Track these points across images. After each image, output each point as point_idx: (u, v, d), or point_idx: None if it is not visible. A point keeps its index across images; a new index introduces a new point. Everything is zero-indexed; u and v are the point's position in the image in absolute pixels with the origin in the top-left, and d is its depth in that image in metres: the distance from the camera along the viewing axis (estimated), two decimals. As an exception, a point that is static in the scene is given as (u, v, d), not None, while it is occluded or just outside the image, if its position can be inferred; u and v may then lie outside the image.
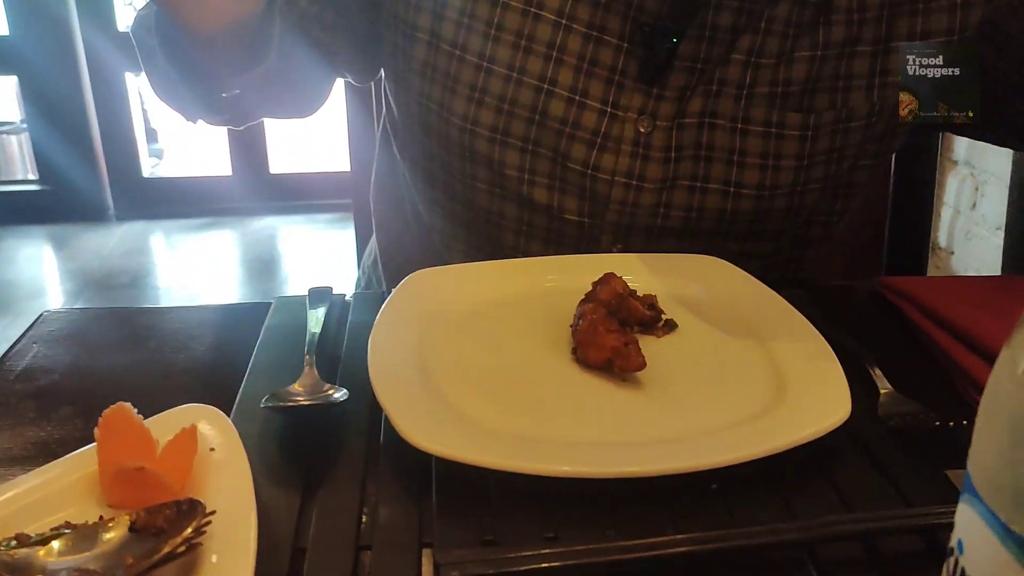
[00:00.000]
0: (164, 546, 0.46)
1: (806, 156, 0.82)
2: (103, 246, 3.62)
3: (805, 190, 0.84)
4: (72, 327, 0.80)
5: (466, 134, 0.85)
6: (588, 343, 0.65)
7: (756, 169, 0.82)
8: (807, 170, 0.83)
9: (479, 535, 0.52)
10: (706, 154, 0.83)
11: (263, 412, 0.62)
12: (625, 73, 0.81)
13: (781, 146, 0.82)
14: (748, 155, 0.82)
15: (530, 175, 0.85)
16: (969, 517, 0.35)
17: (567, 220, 0.87)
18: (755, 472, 0.55)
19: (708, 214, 0.84)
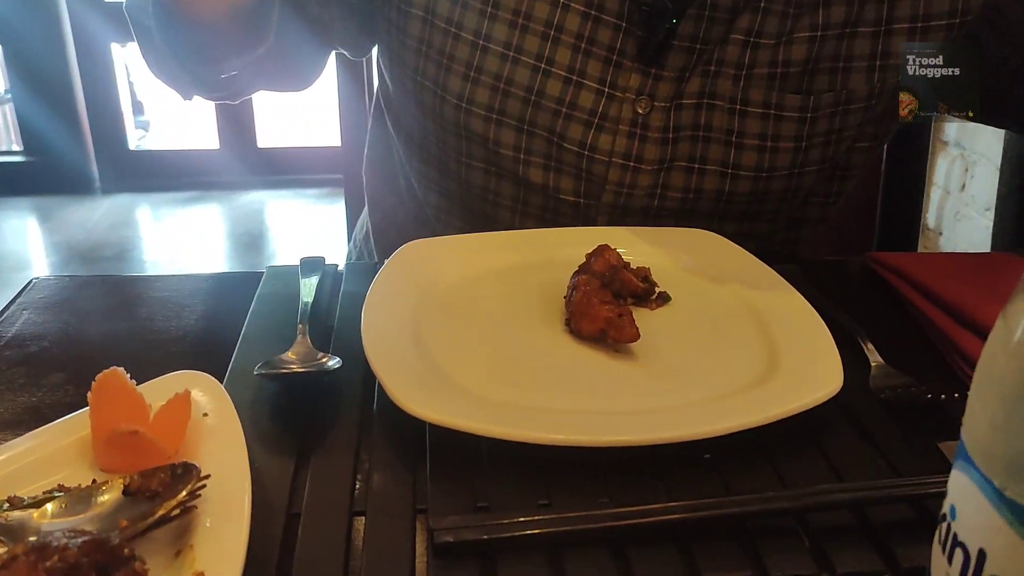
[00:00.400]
0: (158, 509, 0.46)
1: (804, 138, 0.82)
2: (89, 219, 3.59)
3: (803, 172, 0.84)
4: (62, 294, 0.79)
5: (461, 112, 0.84)
6: (582, 314, 0.65)
7: (754, 151, 0.82)
8: (805, 152, 0.83)
9: (472, 502, 0.52)
10: (704, 135, 0.82)
11: (256, 380, 0.62)
12: (623, 53, 0.80)
13: (779, 127, 0.81)
14: (746, 136, 0.82)
15: (526, 155, 0.85)
16: (962, 483, 0.36)
17: (563, 200, 0.86)
18: (747, 442, 0.55)
19: (705, 195, 0.84)
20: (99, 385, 0.52)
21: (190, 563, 0.43)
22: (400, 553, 0.48)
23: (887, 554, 0.48)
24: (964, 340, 0.67)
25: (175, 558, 0.45)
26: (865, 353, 0.66)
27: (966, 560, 0.35)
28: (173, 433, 0.52)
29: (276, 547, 0.48)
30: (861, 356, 0.66)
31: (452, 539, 0.48)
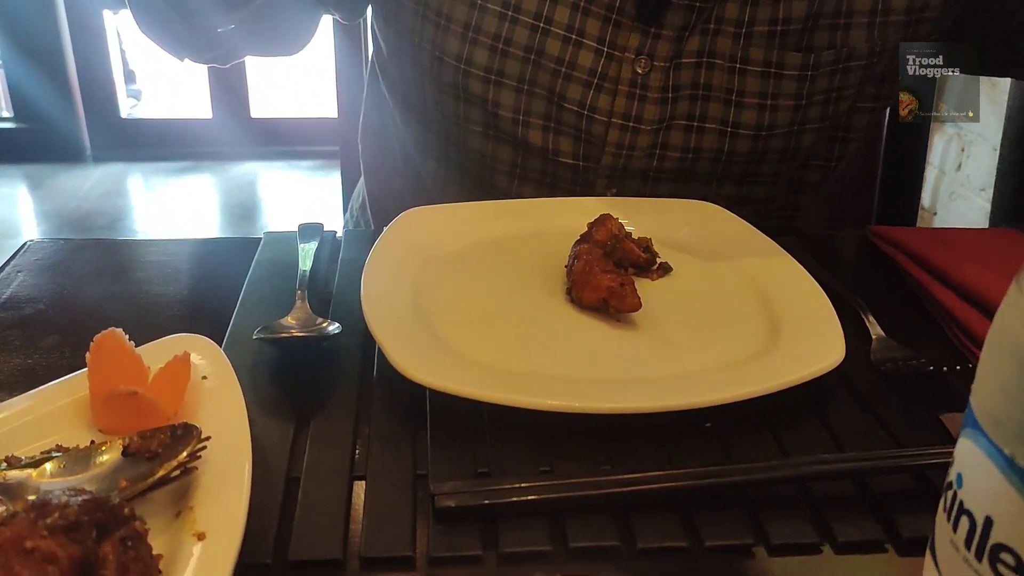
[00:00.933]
0: (158, 470, 0.45)
1: (804, 96, 0.81)
2: (80, 187, 3.55)
3: (802, 130, 0.83)
4: (56, 257, 0.78)
5: (459, 74, 0.83)
6: (583, 283, 0.65)
7: (753, 109, 0.81)
8: (805, 110, 0.82)
9: (473, 467, 0.52)
10: (703, 94, 0.82)
11: (254, 344, 0.61)
12: (622, 12, 0.79)
13: (779, 86, 0.81)
14: (746, 95, 0.81)
15: (525, 116, 0.84)
16: (970, 451, 0.36)
17: (562, 163, 0.86)
18: (749, 412, 0.55)
19: (704, 155, 0.84)
20: (97, 346, 0.52)
21: (190, 524, 0.43)
22: (401, 518, 0.48)
23: (888, 524, 0.48)
24: (965, 313, 0.67)
25: (175, 519, 0.44)
26: (866, 325, 0.66)
27: (972, 527, 0.35)
28: (172, 395, 0.52)
29: (276, 510, 0.48)
30: (862, 328, 0.66)
31: (453, 504, 0.47)
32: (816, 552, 0.46)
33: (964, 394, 0.58)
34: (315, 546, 0.46)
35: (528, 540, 0.46)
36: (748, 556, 0.46)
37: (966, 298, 0.69)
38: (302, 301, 0.65)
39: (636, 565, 0.45)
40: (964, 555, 0.35)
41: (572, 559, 0.46)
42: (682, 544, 0.46)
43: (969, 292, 0.68)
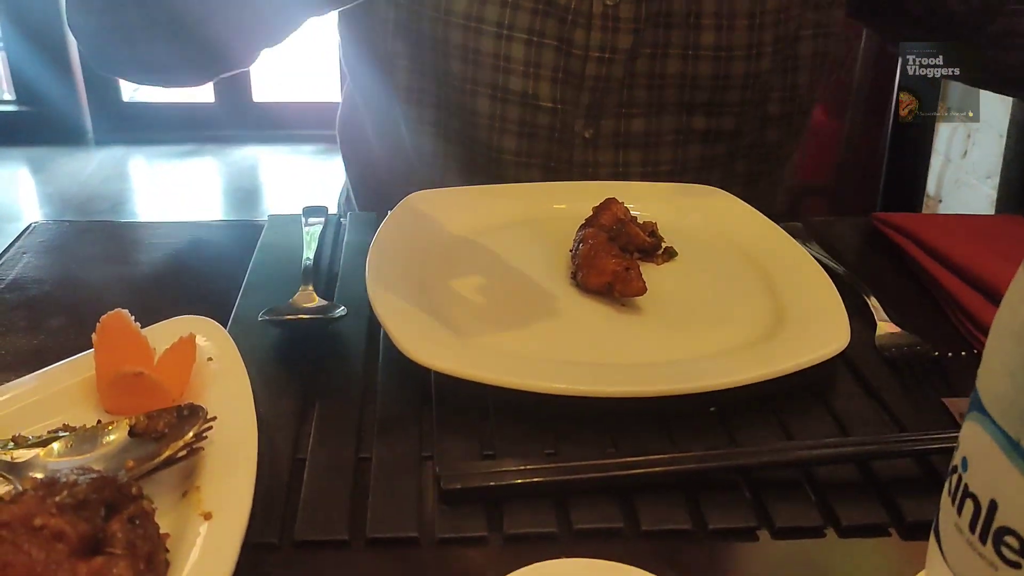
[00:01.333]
0: (165, 450, 0.46)
1: (757, 15, 0.84)
2: (82, 170, 3.55)
3: (760, 53, 0.86)
4: (62, 239, 0.78)
5: (439, 23, 0.84)
6: (588, 267, 0.65)
7: (712, 30, 0.84)
8: (759, 31, 0.85)
9: (479, 450, 0.52)
10: (665, 21, 0.84)
11: (260, 326, 0.61)
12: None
13: (733, 6, 0.84)
14: (703, 16, 0.84)
15: (504, 62, 0.84)
16: (976, 435, 0.36)
17: (541, 107, 0.86)
18: (753, 397, 0.55)
19: (670, 81, 0.86)
20: (104, 327, 0.52)
21: (197, 504, 0.43)
22: (406, 499, 0.48)
23: (892, 508, 0.48)
24: (970, 299, 0.67)
25: (182, 499, 0.45)
26: (871, 311, 0.66)
27: (976, 511, 0.35)
28: (178, 376, 0.52)
29: (282, 491, 0.48)
30: (867, 314, 0.66)
31: (459, 486, 0.48)
32: (820, 535, 0.46)
33: (968, 379, 0.58)
34: (321, 526, 0.46)
35: (533, 522, 0.47)
36: (752, 539, 0.46)
37: (971, 284, 0.69)
38: (307, 283, 0.65)
39: (640, 547, 0.46)
40: (968, 538, 0.36)
41: (577, 541, 0.46)
42: (686, 527, 0.47)
43: (974, 278, 0.68)
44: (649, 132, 0.88)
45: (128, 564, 0.37)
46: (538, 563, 0.41)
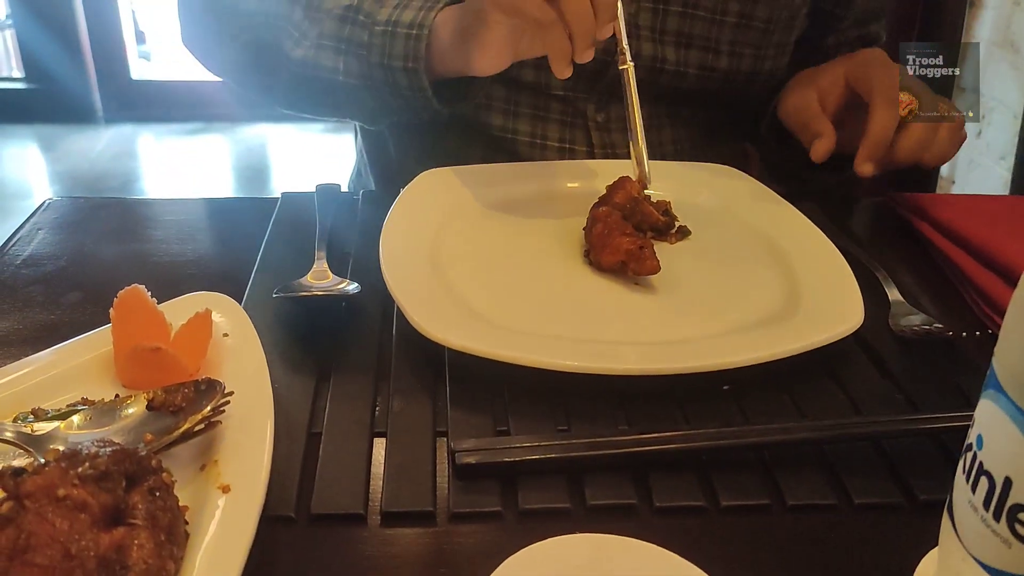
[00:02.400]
0: (183, 424, 0.46)
1: (746, 16, 0.86)
2: (91, 148, 3.55)
3: (765, 56, 0.88)
4: (76, 215, 0.79)
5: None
6: (602, 246, 0.65)
7: (726, 56, 0.87)
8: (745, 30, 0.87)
9: (492, 426, 0.52)
10: (686, 41, 0.86)
11: (274, 303, 0.61)
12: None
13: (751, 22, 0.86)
14: (722, 43, 0.86)
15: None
16: (991, 413, 0.36)
17: (553, 95, 0.87)
18: (766, 375, 0.55)
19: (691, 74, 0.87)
20: (121, 302, 0.52)
21: (215, 477, 0.44)
22: (421, 474, 0.48)
23: (904, 486, 0.48)
24: (984, 279, 0.67)
25: (200, 472, 0.45)
26: (884, 290, 0.66)
27: (991, 488, 0.35)
28: (195, 351, 0.52)
29: (298, 465, 0.49)
30: (880, 293, 0.66)
31: (474, 461, 0.48)
32: (832, 513, 0.47)
33: (981, 359, 0.59)
34: (337, 500, 0.46)
35: (547, 497, 0.47)
36: (765, 515, 0.47)
37: (985, 264, 0.68)
38: (321, 260, 0.65)
39: (653, 523, 0.46)
40: (982, 515, 0.36)
41: (590, 516, 0.46)
42: (699, 503, 0.47)
43: (988, 258, 0.68)
44: (651, 116, 0.89)
45: (149, 535, 0.37)
46: (552, 538, 0.41)
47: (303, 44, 0.78)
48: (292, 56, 0.79)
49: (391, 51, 0.74)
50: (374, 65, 0.75)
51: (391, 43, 0.74)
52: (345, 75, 0.77)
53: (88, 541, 0.36)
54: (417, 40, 0.73)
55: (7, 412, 0.48)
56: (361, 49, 0.76)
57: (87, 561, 0.35)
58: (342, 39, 0.77)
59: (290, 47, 0.79)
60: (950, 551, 0.38)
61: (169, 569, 0.37)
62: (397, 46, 0.73)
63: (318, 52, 0.78)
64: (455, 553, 0.44)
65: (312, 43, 0.78)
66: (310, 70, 0.79)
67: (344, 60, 0.77)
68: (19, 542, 0.35)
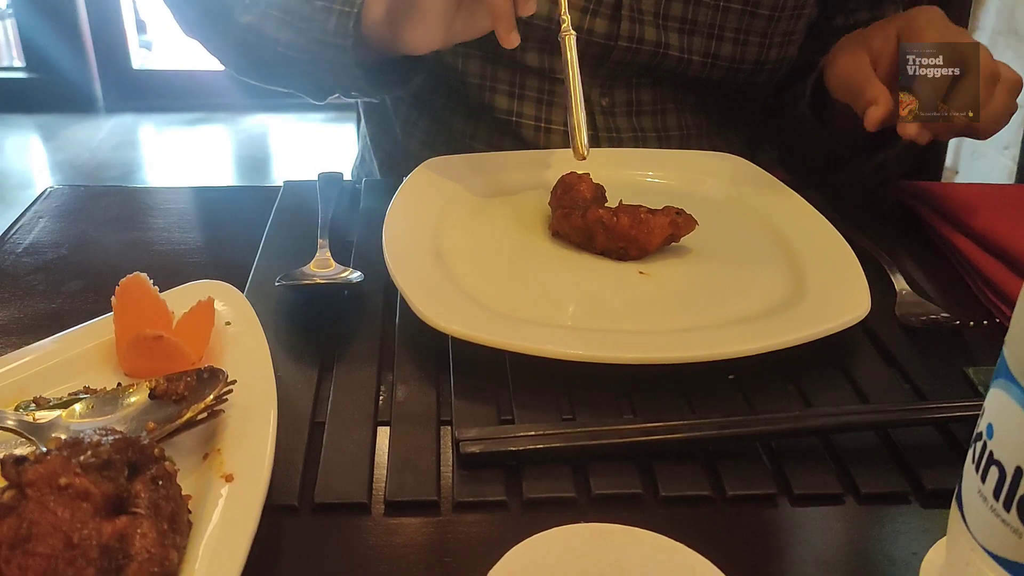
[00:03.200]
0: (185, 412, 0.46)
1: (751, 3, 0.86)
2: (92, 138, 3.55)
3: (771, 43, 0.88)
4: (77, 204, 0.78)
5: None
6: (644, 236, 0.65)
7: (709, 8, 0.85)
8: (751, 18, 0.86)
9: (496, 415, 0.52)
10: (690, 27, 0.85)
11: (276, 291, 0.61)
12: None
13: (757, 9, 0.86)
14: (726, 29, 0.86)
15: (524, 41, 0.83)
16: (1002, 401, 0.35)
17: (557, 80, 0.87)
18: (772, 365, 0.55)
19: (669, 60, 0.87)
20: (123, 290, 0.52)
21: (218, 466, 0.44)
22: (425, 463, 0.48)
23: (912, 476, 0.48)
24: (991, 268, 0.66)
25: (203, 461, 0.45)
26: (891, 279, 0.66)
27: (1001, 478, 0.35)
28: (197, 339, 0.52)
29: (301, 454, 0.48)
30: (887, 282, 0.65)
31: (478, 450, 0.48)
32: (839, 503, 0.46)
33: (988, 348, 0.58)
34: (340, 489, 0.46)
35: (552, 487, 0.47)
36: (771, 505, 0.46)
37: (992, 253, 0.68)
38: (324, 249, 0.65)
39: (659, 513, 0.46)
40: (992, 505, 0.35)
41: (595, 506, 0.46)
42: (705, 493, 0.47)
43: (995, 247, 0.68)
44: (656, 101, 0.89)
45: (152, 524, 0.37)
46: (556, 528, 0.41)
47: (252, 11, 0.78)
48: (239, 21, 0.79)
49: (325, 26, 0.73)
50: (312, 40, 0.75)
51: (326, 18, 0.73)
52: (285, 47, 0.77)
53: (90, 530, 0.35)
54: (347, 17, 0.72)
55: (9, 400, 0.47)
56: (302, 22, 0.75)
57: (89, 550, 0.35)
58: (288, 10, 0.76)
59: (239, 12, 0.79)
60: (959, 541, 0.38)
61: (172, 558, 0.37)
62: (331, 22, 0.73)
63: (263, 20, 0.78)
64: (459, 542, 0.44)
65: (260, 10, 0.78)
66: (253, 37, 0.78)
67: (286, 31, 0.76)
68: (21, 531, 0.34)
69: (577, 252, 0.67)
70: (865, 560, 0.44)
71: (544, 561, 0.40)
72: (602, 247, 0.66)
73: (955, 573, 0.39)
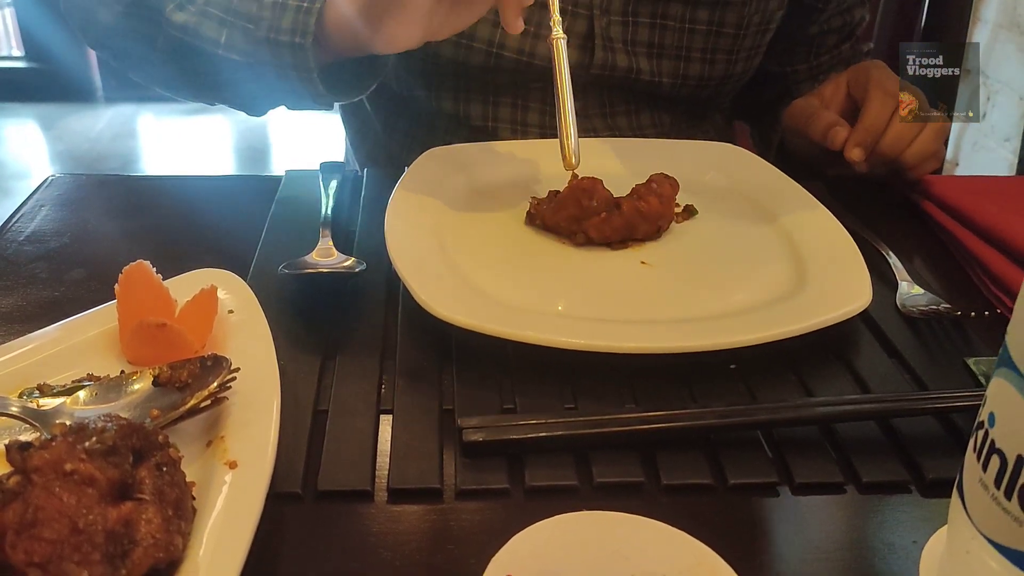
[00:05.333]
0: (189, 399, 0.46)
1: (715, 23, 0.86)
2: (91, 127, 3.54)
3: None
4: (79, 192, 0.78)
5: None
6: (669, 205, 0.66)
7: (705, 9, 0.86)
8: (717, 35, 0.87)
9: (499, 404, 0.52)
10: (662, 18, 0.86)
11: (278, 280, 0.61)
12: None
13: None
14: (698, 22, 0.86)
15: (499, 49, 0.84)
16: (1004, 390, 0.36)
17: (532, 86, 0.87)
18: (773, 355, 0.55)
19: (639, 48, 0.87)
20: (126, 277, 0.52)
21: (222, 453, 0.44)
22: (428, 451, 0.48)
23: (912, 465, 0.48)
24: (992, 260, 0.66)
25: (206, 448, 0.45)
26: (892, 270, 0.66)
27: (1003, 466, 0.35)
28: (200, 327, 0.52)
29: (304, 442, 0.49)
30: (888, 273, 0.66)
31: (481, 438, 0.48)
32: (840, 492, 0.47)
33: (989, 339, 0.58)
34: (344, 477, 0.46)
35: (554, 475, 0.47)
36: (772, 495, 0.46)
37: (993, 244, 0.68)
38: (326, 238, 0.65)
39: (660, 501, 0.46)
40: (993, 493, 0.36)
41: (597, 494, 0.46)
42: (707, 482, 0.47)
43: (997, 238, 0.68)
44: (628, 101, 0.89)
45: (157, 510, 0.37)
46: (559, 515, 0.41)
47: (187, 8, 0.72)
48: (173, 20, 0.72)
49: (279, 24, 0.68)
50: (260, 41, 0.69)
51: (280, 15, 0.68)
52: (226, 49, 0.71)
53: (96, 515, 0.35)
54: (307, 13, 0.67)
55: (13, 388, 0.47)
56: (249, 22, 0.69)
57: (95, 535, 0.35)
58: (230, 9, 0.71)
59: (171, 9, 0.72)
60: (959, 530, 0.38)
61: (177, 544, 0.37)
62: (286, 19, 0.67)
63: (201, 19, 0.71)
64: (462, 530, 0.44)
65: (198, 8, 0.72)
66: (189, 37, 0.72)
67: (228, 32, 0.70)
68: (27, 516, 0.35)
69: (580, 242, 0.67)
70: (866, 548, 0.44)
71: (546, 549, 0.40)
72: (625, 236, 0.67)
73: (956, 561, 0.39)
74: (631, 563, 0.39)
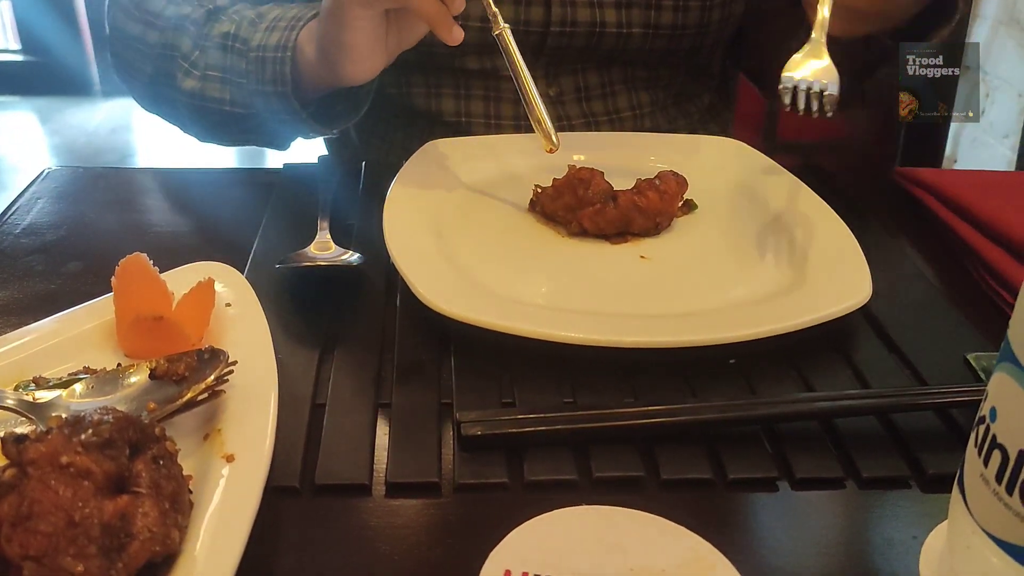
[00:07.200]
0: (186, 392, 0.46)
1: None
2: (89, 121, 3.53)
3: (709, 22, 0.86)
4: (76, 185, 0.78)
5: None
6: (669, 201, 0.66)
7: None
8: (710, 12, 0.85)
9: (498, 398, 0.52)
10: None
11: (277, 273, 0.61)
12: None
13: None
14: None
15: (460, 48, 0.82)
16: (1006, 385, 0.35)
17: (502, 77, 0.86)
18: (773, 350, 0.55)
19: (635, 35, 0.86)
20: (123, 270, 0.52)
21: (219, 447, 0.43)
22: (426, 445, 0.48)
23: (912, 460, 0.48)
24: (992, 255, 0.66)
25: (203, 442, 0.45)
26: (891, 265, 0.66)
27: (1004, 461, 0.35)
28: (197, 320, 0.52)
29: (302, 436, 0.48)
30: (888, 268, 0.65)
31: (480, 432, 0.48)
32: (840, 487, 0.46)
33: (988, 334, 0.58)
34: (341, 471, 0.46)
35: (553, 469, 0.47)
36: (772, 490, 0.46)
37: (992, 238, 0.68)
38: (324, 231, 0.65)
39: (660, 496, 0.46)
40: (994, 488, 0.35)
41: (596, 489, 0.46)
42: (706, 476, 0.47)
43: (996, 233, 0.68)
44: (604, 83, 0.88)
45: (153, 503, 0.37)
46: (558, 510, 0.41)
47: (192, 75, 0.77)
48: (183, 88, 0.77)
49: (262, 76, 0.72)
50: (252, 92, 0.74)
51: (261, 68, 0.72)
52: (231, 105, 0.76)
53: (92, 508, 0.35)
54: (282, 64, 0.71)
55: (8, 380, 0.47)
56: (240, 77, 0.74)
57: (91, 528, 0.35)
58: (225, 68, 0.75)
59: (181, 79, 0.77)
60: (960, 525, 0.38)
61: (173, 537, 0.37)
62: (267, 71, 0.72)
63: (204, 84, 0.76)
64: (460, 524, 0.44)
65: (200, 74, 0.76)
66: (199, 101, 0.77)
67: (229, 90, 0.76)
68: (22, 509, 0.34)
69: (578, 236, 0.67)
70: (866, 544, 0.44)
71: (545, 543, 0.40)
72: (621, 230, 0.66)
73: (956, 556, 0.39)
74: (630, 557, 0.39)
